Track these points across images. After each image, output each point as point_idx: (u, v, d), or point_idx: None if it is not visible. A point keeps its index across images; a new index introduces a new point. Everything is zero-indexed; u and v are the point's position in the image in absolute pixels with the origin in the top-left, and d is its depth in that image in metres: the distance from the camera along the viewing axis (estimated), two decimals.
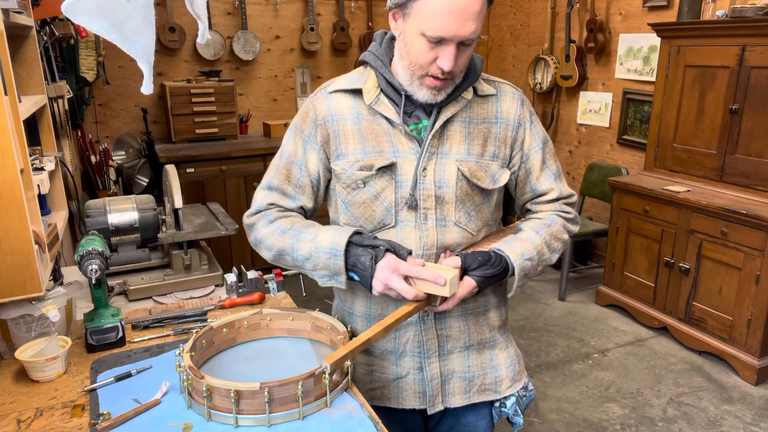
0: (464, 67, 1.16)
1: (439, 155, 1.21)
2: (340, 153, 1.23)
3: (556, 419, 2.67)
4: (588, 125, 4.39)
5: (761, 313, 2.82)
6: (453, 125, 1.22)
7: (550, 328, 3.54)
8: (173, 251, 1.88)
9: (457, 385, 1.31)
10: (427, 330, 1.27)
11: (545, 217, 1.31)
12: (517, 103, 1.27)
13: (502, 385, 1.35)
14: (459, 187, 1.21)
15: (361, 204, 1.23)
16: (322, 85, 1.30)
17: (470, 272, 1.17)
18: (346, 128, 1.23)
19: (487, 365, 1.33)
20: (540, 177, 1.30)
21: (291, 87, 4.77)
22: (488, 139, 1.24)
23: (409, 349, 1.28)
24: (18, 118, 1.38)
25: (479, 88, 1.24)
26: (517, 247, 1.22)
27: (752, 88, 2.91)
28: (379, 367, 1.32)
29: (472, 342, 1.31)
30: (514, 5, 4.91)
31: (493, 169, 1.25)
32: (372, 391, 1.33)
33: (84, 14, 1.02)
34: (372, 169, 1.20)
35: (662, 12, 3.70)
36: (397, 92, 1.20)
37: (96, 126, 4.25)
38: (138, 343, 1.47)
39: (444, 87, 1.15)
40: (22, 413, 1.19)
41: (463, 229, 1.24)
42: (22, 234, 1.30)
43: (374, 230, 1.23)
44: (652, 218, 3.34)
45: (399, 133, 1.21)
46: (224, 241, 4.01)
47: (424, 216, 1.21)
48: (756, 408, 2.73)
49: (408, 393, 1.31)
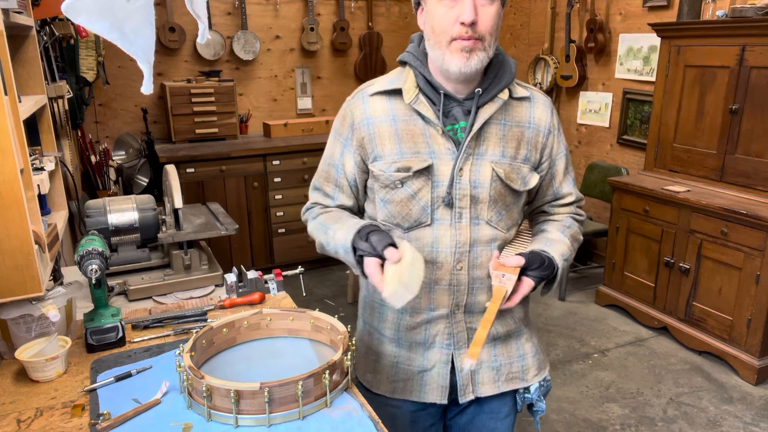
0: (492, 30, 1.16)
1: (476, 156, 1.24)
2: (377, 155, 1.27)
3: (556, 419, 2.67)
4: (588, 125, 4.39)
5: (761, 313, 2.82)
6: (490, 127, 1.25)
7: (550, 328, 3.54)
8: (173, 251, 1.88)
9: (486, 375, 1.35)
10: (457, 323, 1.31)
11: (563, 219, 1.38)
12: (549, 111, 1.32)
13: (528, 373, 1.40)
14: (493, 187, 1.25)
15: (398, 203, 1.26)
16: (361, 87, 1.33)
17: (529, 272, 1.22)
18: (382, 130, 1.26)
19: (513, 354, 1.38)
20: (563, 182, 1.37)
21: (291, 87, 4.77)
22: (521, 142, 1.28)
23: (438, 341, 1.32)
24: (18, 118, 1.38)
25: (514, 91, 1.27)
26: (557, 249, 1.28)
27: (752, 88, 2.91)
28: (406, 359, 1.35)
29: (499, 333, 1.35)
30: (514, 5, 4.91)
31: (524, 171, 1.29)
32: (395, 383, 1.37)
33: (84, 14, 1.02)
34: (409, 171, 1.23)
35: (662, 12, 3.70)
36: (436, 91, 1.23)
37: (96, 126, 4.25)
38: (138, 343, 1.47)
39: (474, 49, 1.14)
40: (22, 413, 1.19)
41: (494, 227, 1.28)
42: (22, 234, 1.30)
43: (410, 228, 1.27)
44: (652, 218, 3.34)
45: (436, 134, 1.24)
46: (224, 241, 4.01)
47: (458, 215, 1.25)
48: (756, 408, 2.73)
49: (431, 386, 1.34)
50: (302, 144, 4.12)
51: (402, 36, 4.98)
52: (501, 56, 1.26)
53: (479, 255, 1.27)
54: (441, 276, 1.27)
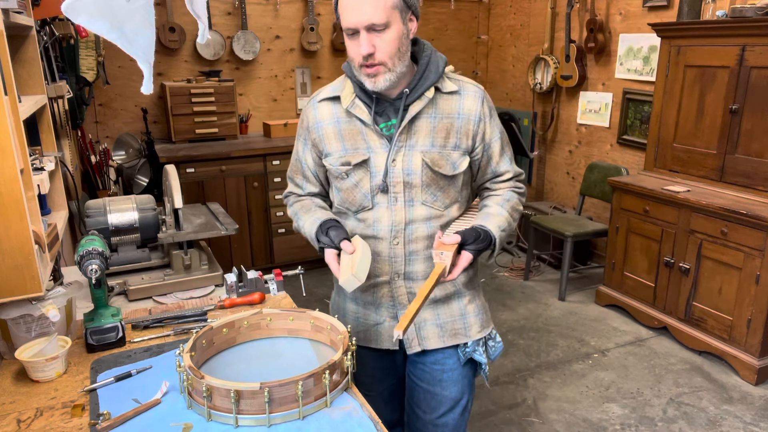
0: (392, 53, 1.31)
1: (407, 147, 1.42)
2: (327, 152, 1.49)
3: (556, 419, 2.67)
4: (588, 125, 4.39)
5: (761, 313, 2.82)
6: (420, 121, 1.42)
7: (550, 328, 3.54)
8: (173, 251, 1.88)
9: (431, 331, 1.55)
10: (397, 288, 1.51)
11: (503, 193, 1.55)
12: (479, 101, 1.46)
13: (471, 330, 1.58)
14: (424, 173, 1.43)
15: (345, 190, 1.48)
16: (313, 94, 1.54)
17: (466, 246, 1.39)
18: (329, 131, 1.47)
19: (456, 314, 1.56)
20: (500, 162, 1.54)
21: (291, 87, 4.77)
22: (450, 132, 1.44)
23: (384, 301, 1.54)
24: (18, 118, 1.38)
25: (443, 86, 1.43)
26: (494, 222, 1.45)
27: (752, 88, 2.91)
28: (363, 314, 1.59)
29: (438, 297, 1.54)
30: (514, 5, 4.91)
31: (454, 157, 1.45)
32: (358, 334, 1.59)
33: (84, 14, 1.02)
34: (350, 165, 1.44)
35: (662, 12, 3.70)
36: (369, 96, 1.40)
37: (96, 126, 4.25)
38: (138, 343, 1.47)
39: (377, 73, 1.33)
40: (22, 413, 1.19)
41: (430, 207, 1.46)
42: (22, 234, 1.30)
43: (357, 211, 1.49)
44: (652, 218, 3.34)
45: (371, 132, 1.43)
46: (224, 241, 4.01)
47: (394, 198, 1.44)
48: (756, 408, 2.73)
49: (384, 337, 1.57)
50: None
51: None
52: (428, 56, 1.41)
53: (414, 231, 1.46)
54: (381, 249, 1.48)
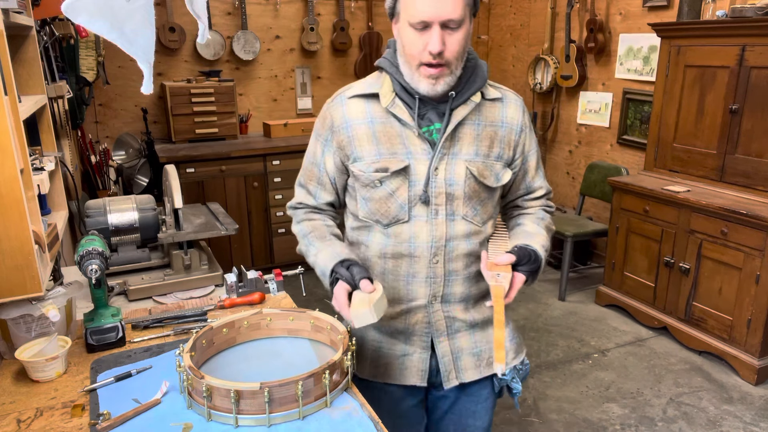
0: (459, 54, 1.21)
1: (450, 155, 1.30)
2: (357, 156, 1.32)
3: (556, 419, 2.67)
4: (588, 125, 4.38)
5: (761, 313, 2.82)
6: (464, 127, 1.31)
7: (550, 328, 3.54)
8: (173, 251, 1.88)
9: (468, 361, 1.41)
10: (435, 312, 1.37)
11: (535, 211, 1.46)
12: (520, 110, 1.38)
13: (507, 357, 1.44)
14: (467, 184, 1.31)
15: (378, 200, 1.33)
16: (339, 90, 1.38)
17: (519, 267, 1.28)
18: (360, 132, 1.32)
19: (491, 340, 1.42)
20: (535, 177, 1.44)
21: (291, 87, 4.77)
22: (494, 141, 1.34)
23: (418, 329, 1.38)
24: (18, 118, 1.38)
25: (486, 92, 1.33)
26: (537, 241, 1.34)
27: (752, 88, 2.91)
28: (388, 344, 1.41)
29: (476, 320, 1.41)
30: (514, 5, 4.91)
31: (497, 168, 1.35)
32: (377, 368, 1.42)
33: (84, 14, 1.02)
34: (387, 171, 1.29)
35: (662, 12, 3.70)
36: (411, 96, 1.28)
37: (96, 126, 4.25)
38: (138, 343, 1.47)
39: (440, 75, 1.21)
40: (22, 413, 1.19)
41: (470, 222, 1.34)
42: (22, 234, 1.30)
43: (389, 224, 1.33)
44: (652, 218, 3.34)
45: (412, 135, 1.29)
46: (224, 241, 4.01)
47: (435, 211, 1.31)
48: (756, 408, 2.73)
49: (411, 371, 1.40)
50: (302, 144, 4.09)
51: None
52: (473, 60, 1.31)
53: (455, 248, 1.33)
54: (418, 269, 1.33)
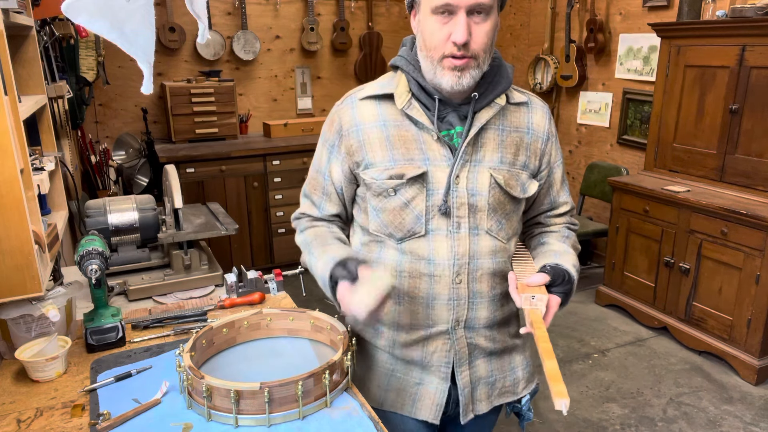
0: (486, 47, 1.11)
1: (473, 162, 1.18)
2: (368, 162, 1.20)
3: (556, 419, 2.67)
4: (588, 125, 4.38)
5: (761, 313, 2.82)
6: (487, 132, 1.19)
7: (550, 328, 3.50)
8: (173, 251, 1.88)
9: (483, 391, 1.30)
10: (458, 339, 1.23)
11: (560, 230, 1.34)
12: (547, 118, 1.27)
13: (519, 386, 1.35)
14: (492, 195, 1.18)
15: (391, 211, 1.20)
16: (350, 91, 1.28)
17: (553, 288, 1.18)
18: (372, 137, 1.20)
19: (506, 368, 1.33)
20: (560, 191, 1.32)
21: (291, 87, 4.77)
22: (520, 148, 1.23)
23: (436, 359, 1.24)
24: (18, 118, 1.38)
25: (511, 96, 1.22)
26: (568, 260, 1.23)
27: (752, 88, 2.91)
28: (403, 371, 1.28)
29: (496, 348, 1.30)
30: (514, 5, 4.91)
31: (523, 178, 1.23)
32: (387, 393, 1.29)
33: (84, 14, 1.02)
34: (403, 178, 1.17)
35: (662, 12, 3.70)
36: (430, 96, 1.17)
37: (96, 126, 4.25)
38: (138, 343, 1.47)
39: (466, 67, 1.10)
40: (22, 413, 1.19)
41: (495, 237, 1.21)
42: (22, 234, 1.30)
43: (403, 238, 1.20)
44: (652, 218, 3.34)
45: (430, 139, 1.18)
46: (224, 241, 4.01)
47: (457, 224, 1.18)
48: (756, 408, 2.73)
49: (425, 402, 1.26)
50: (302, 144, 4.12)
51: (402, 36, 4.96)
52: (498, 60, 1.20)
53: (479, 267, 1.20)
54: (439, 291, 1.20)
